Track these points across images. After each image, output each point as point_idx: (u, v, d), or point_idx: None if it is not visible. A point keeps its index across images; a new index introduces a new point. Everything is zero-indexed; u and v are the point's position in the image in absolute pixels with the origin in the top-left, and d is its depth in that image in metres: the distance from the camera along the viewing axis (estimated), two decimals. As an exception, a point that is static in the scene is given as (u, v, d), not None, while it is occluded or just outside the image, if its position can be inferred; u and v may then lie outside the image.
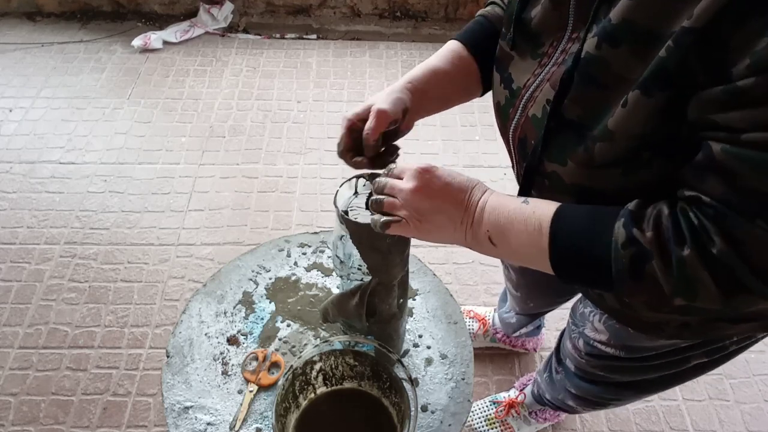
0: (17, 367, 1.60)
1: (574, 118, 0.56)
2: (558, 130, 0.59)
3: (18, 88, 2.49)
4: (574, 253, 0.56)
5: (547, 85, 0.61)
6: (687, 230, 0.48)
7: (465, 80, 0.82)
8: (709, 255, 0.46)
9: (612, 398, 1.01)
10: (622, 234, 0.51)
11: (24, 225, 1.95)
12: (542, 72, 0.63)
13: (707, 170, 0.47)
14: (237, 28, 2.87)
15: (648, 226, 0.50)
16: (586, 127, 0.55)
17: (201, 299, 1.07)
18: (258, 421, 0.91)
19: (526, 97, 0.64)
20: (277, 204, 2.05)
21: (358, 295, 0.81)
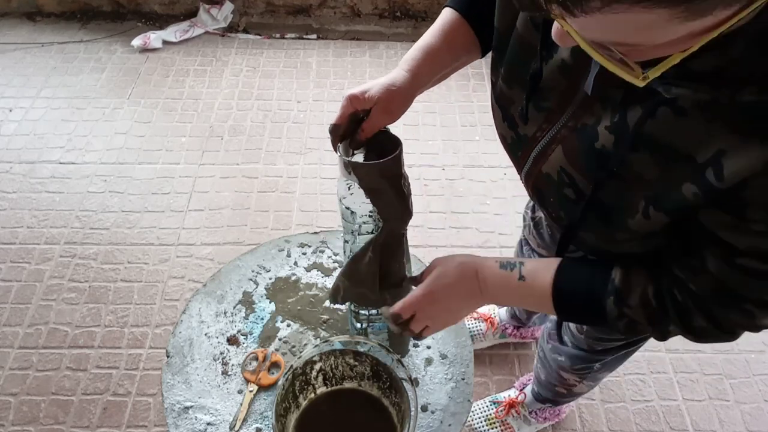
0: (17, 367, 1.60)
1: (603, 201, 0.59)
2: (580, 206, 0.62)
3: (18, 88, 2.49)
4: (576, 315, 0.70)
5: (559, 148, 0.61)
6: (672, 311, 0.59)
7: (461, 50, 0.81)
8: (690, 326, 0.59)
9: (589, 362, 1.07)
10: (613, 311, 0.64)
11: (24, 225, 1.95)
12: (551, 129, 0.62)
13: (700, 271, 0.55)
14: (237, 28, 2.87)
15: (636, 304, 0.62)
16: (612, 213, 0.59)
17: (201, 299, 1.07)
18: (258, 421, 0.91)
19: (537, 150, 0.64)
20: (277, 204, 2.05)
21: (371, 249, 0.79)
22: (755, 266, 0.50)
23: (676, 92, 0.48)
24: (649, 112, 0.51)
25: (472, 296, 0.74)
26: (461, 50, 0.81)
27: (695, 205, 0.51)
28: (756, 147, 0.44)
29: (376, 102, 0.75)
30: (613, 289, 0.63)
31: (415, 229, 1.96)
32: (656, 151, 0.51)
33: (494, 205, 2.04)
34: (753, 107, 0.44)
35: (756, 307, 0.54)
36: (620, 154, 0.54)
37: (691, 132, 0.48)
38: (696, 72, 0.46)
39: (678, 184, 0.51)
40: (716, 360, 1.66)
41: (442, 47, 0.78)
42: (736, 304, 0.55)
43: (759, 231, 0.48)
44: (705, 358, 1.66)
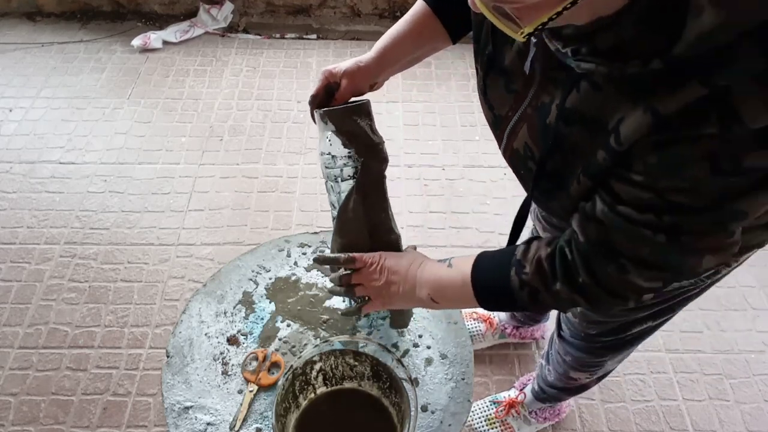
0: (17, 367, 1.60)
1: (550, 171, 0.66)
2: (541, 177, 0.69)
3: (18, 88, 2.49)
4: (493, 297, 0.76)
5: (525, 126, 0.68)
6: (560, 269, 0.66)
7: (426, 40, 0.90)
8: (576, 284, 0.65)
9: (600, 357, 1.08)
10: (515, 280, 0.71)
11: (24, 225, 1.95)
12: (519, 109, 0.68)
13: (591, 219, 0.61)
14: (237, 28, 2.87)
15: (532, 270, 0.69)
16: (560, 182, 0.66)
17: (201, 299, 1.07)
18: (258, 421, 0.91)
19: (509, 129, 0.71)
20: (277, 204, 2.05)
21: (354, 191, 0.88)
22: (631, 214, 0.55)
23: (585, 67, 0.54)
24: (572, 87, 0.57)
25: (410, 273, 0.83)
26: (426, 40, 0.90)
27: (605, 169, 0.57)
28: (640, 112, 0.50)
29: (343, 75, 0.88)
30: (515, 261, 0.71)
31: (415, 229, 1.96)
32: (584, 124, 0.57)
33: (494, 205, 2.04)
34: (637, 78, 0.50)
35: (630, 263, 0.59)
36: (558, 128, 0.60)
37: (606, 104, 0.54)
38: (599, 49, 0.52)
39: (596, 150, 0.57)
40: (716, 360, 1.66)
41: (407, 35, 0.89)
42: (614, 258, 0.60)
43: (638, 182, 0.53)
44: (705, 358, 1.66)
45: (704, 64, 0.46)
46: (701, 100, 0.46)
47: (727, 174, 0.48)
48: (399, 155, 2.23)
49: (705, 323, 1.74)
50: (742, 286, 1.83)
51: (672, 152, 0.50)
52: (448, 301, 0.82)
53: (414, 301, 0.84)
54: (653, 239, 0.55)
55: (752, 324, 1.75)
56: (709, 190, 0.50)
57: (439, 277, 0.81)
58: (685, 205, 0.52)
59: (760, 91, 0.44)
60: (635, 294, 0.63)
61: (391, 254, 0.88)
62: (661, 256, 0.57)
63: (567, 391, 1.27)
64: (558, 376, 1.22)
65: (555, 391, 1.30)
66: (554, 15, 0.46)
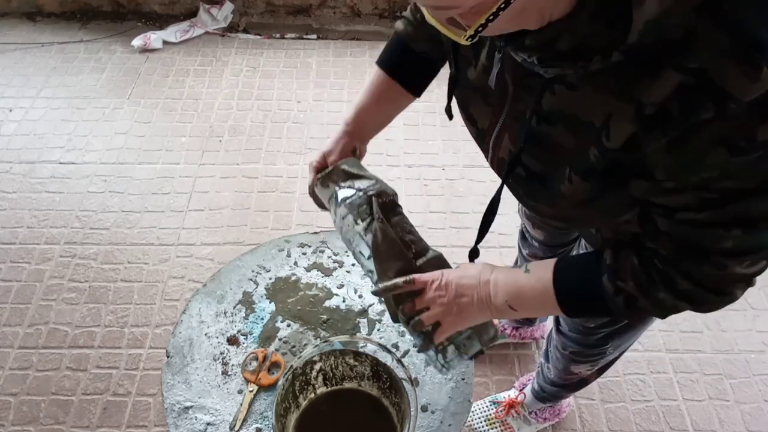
0: (17, 367, 1.60)
1: (537, 172, 0.67)
2: (528, 179, 0.70)
3: (18, 88, 2.49)
4: (581, 304, 0.73)
5: (507, 135, 0.69)
6: (657, 278, 0.63)
7: (389, 103, 0.97)
8: (678, 291, 0.62)
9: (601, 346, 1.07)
10: (609, 287, 0.67)
11: (24, 225, 1.95)
12: (499, 120, 0.69)
13: (658, 234, 0.60)
14: (237, 28, 2.87)
15: (627, 277, 0.66)
16: (547, 182, 0.66)
17: (201, 299, 1.07)
18: (258, 421, 0.91)
19: (492, 140, 0.73)
20: (277, 204, 2.05)
21: (377, 221, 0.87)
22: (693, 217, 0.55)
23: (551, 72, 0.55)
24: (544, 90, 0.59)
25: (482, 280, 0.77)
26: (390, 103, 0.96)
27: (599, 167, 0.57)
28: (625, 106, 0.51)
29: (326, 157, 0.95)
30: (606, 267, 0.68)
31: (415, 229, 1.96)
32: (566, 122, 0.58)
33: (494, 205, 2.03)
34: (609, 73, 0.51)
35: (722, 257, 0.57)
36: (540, 130, 0.62)
37: (585, 102, 0.55)
38: (561, 51, 0.53)
39: (586, 149, 0.57)
40: (716, 360, 1.66)
41: (372, 104, 0.95)
42: (703, 258, 0.58)
43: (671, 188, 0.53)
44: (705, 358, 1.66)
45: (669, 50, 0.46)
46: (685, 88, 0.47)
47: (747, 151, 0.47)
48: (399, 155, 2.23)
49: (705, 323, 1.74)
50: (742, 286, 1.83)
51: (684, 149, 0.49)
52: (527, 307, 0.77)
53: (489, 310, 0.78)
54: (729, 234, 0.54)
55: (752, 324, 1.75)
56: (745, 170, 0.49)
57: (517, 282, 0.76)
58: (736, 190, 0.51)
59: (737, 65, 0.44)
60: (742, 283, 0.61)
61: (453, 269, 0.82)
62: (749, 242, 0.55)
63: (568, 387, 1.27)
64: (558, 373, 1.22)
65: (556, 389, 1.29)
66: (491, 16, 0.47)
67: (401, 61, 0.92)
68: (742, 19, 0.44)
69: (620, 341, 1.05)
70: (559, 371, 1.21)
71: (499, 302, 0.76)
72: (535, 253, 1.27)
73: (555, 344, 1.18)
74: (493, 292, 0.77)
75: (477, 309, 0.78)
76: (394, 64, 0.93)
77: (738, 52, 0.44)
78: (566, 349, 1.12)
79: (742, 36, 0.44)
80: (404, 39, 0.91)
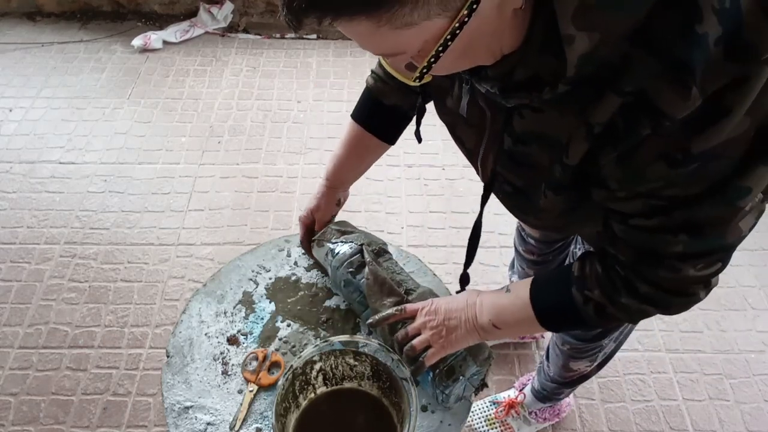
0: (17, 367, 1.60)
1: (521, 188, 0.71)
2: (514, 195, 0.74)
3: (18, 88, 2.49)
4: (556, 316, 0.77)
5: (491, 155, 0.72)
6: (620, 284, 0.66)
7: (365, 153, 1.04)
8: (640, 295, 0.65)
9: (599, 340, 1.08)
10: (579, 297, 0.71)
11: (24, 225, 1.95)
12: (482, 141, 0.73)
13: (616, 239, 0.64)
14: (237, 28, 2.87)
15: (593, 286, 0.69)
16: (530, 198, 0.70)
17: (201, 299, 1.07)
18: (258, 421, 0.91)
19: (480, 159, 0.76)
20: (277, 204, 2.05)
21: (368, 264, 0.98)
22: (643, 223, 0.58)
23: (512, 101, 0.59)
24: (511, 115, 0.62)
25: (469, 303, 0.83)
26: (366, 153, 1.04)
27: (564, 182, 0.61)
28: (578, 126, 0.54)
29: (313, 213, 1.07)
30: (573, 278, 0.72)
31: (415, 229, 1.96)
32: (539, 141, 0.61)
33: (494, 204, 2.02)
34: (562, 99, 0.53)
35: (674, 260, 0.60)
36: (517, 149, 0.65)
37: (551, 123, 0.58)
38: (518, 82, 0.56)
39: (553, 165, 0.61)
40: (716, 360, 1.66)
41: (349, 157, 1.04)
42: (658, 262, 0.61)
43: (623, 197, 0.57)
44: (705, 358, 1.66)
45: (608, 77, 0.49)
46: (627, 108, 0.50)
47: (684, 163, 0.50)
48: (399, 155, 2.23)
49: (705, 323, 1.74)
50: (742, 286, 1.83)
51: (629, 163, 0.53)
52: (510, 325, 0.81)
53: (476, 330, 0.83)
54: (677, 239, 0.57)
55: (752, 324, 1.75)
56: (685, 180, 0.52)
57: (500, 302, 0.81)
58: (681, 197, 0.54)
59: (669, 86, 0.47)
60: (700, 284, 0.63)
61: (442, 297, 0.89)
62: (698, 247, 0.58)
63: (568, 384, 1.27)
64: (558, 370, 1.22)
65: (555, 386, 1.30)
66: (431, 58, 0.51)
67: (373, 114, 0.99)
68: (670, 43, 0.46)
69: (618, 334, 1.06)
70: (558, 368, 1.22)
71: (485, 322, 0.81)
72: (532, 250, 1.28)
73: (554, 341, 1.18)
74: (479, 312, 0.82)
75: (465, 330, 0.83)
76: (366, 118, 0.99)
77: (669, 74, 0.47)
78: (565, 345, 1.13)
79: (671, 59, 0.46)
80: (374, 94, 0.96)
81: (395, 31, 0.46)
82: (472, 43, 0.50)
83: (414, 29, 0.46)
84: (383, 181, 2.14)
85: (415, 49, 0.50)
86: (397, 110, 0.97)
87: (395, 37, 0.47)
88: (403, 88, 0.92)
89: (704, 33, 0.45)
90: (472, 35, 0.48)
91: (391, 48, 0.51)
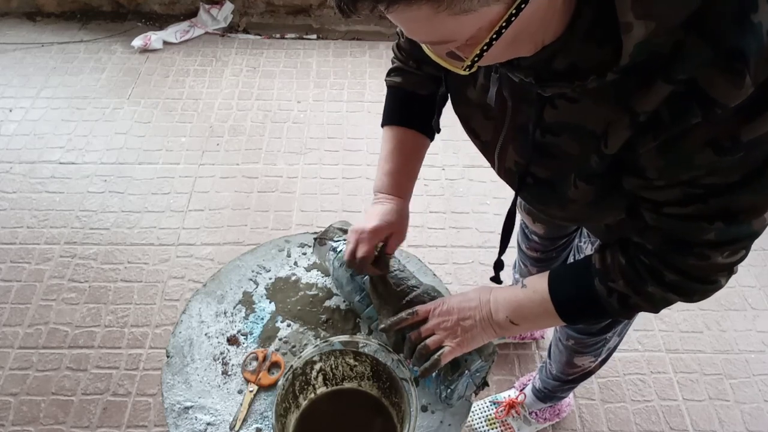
0: (17, 367, 1.60)
1: (546, 179, 0.70)
2: (537, 186, 0.72)
3: (18, 88, 2.49)
4: (578, 309, 0.76)
5: (511, 147, 0.71)
6: (645, 273, 0.66)
7: (415, 156, 0.97)
8: (666, 283, 0.66)
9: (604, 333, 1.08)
10: (602, 289, 0.71)
11: (24, 225, 1.95)
12: (501, 132, 0.71)
13: (646, 228, 0.64)
14: (237, 28, 2.87)
15: (617, 277, 0.69)
16: (556, 188, 0.69)
17: (201, 299, 1.07)
18: (258, 421, 0.91)
19: (497, 152, 0.75)
20: (277, 204, 2.05)
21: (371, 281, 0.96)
22: (678, 211, 0.58)
23: (549, 90, 0.58)
24: (545, 104, 0.62)
25: (482, 300, 0.82)
26: (415, 156, 0.97)
27: (599, 170, 0.61)
28: (621, 116, 0.54)
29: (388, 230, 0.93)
30: (595, 270, 0.72)
31: (415, 229, 1.96)
32: (571, 132, 0.61)
33: (494, 205, 2.04)
34: (606, 87, 0.53)
35: (704, 248, 0.60)
36: (545, 140, 0.64)
37: (587, 113, 0.58)
38: (558, 71, 0.56)
39: (588, 156, 0.60)
40: (716, 360, 1.66)
41: (402, 164, 0.95)
42: (687, 249, 0.61)
43: (661, 185, 0.57)
44: (705, 358, 1.66)
45: (659, 63, 0.49)
46: (675, 96, 0.49)
47: (732, 151, 0.50)
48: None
49: (705, 323, 1.74)
50: (742, 286, 1.83)
51: (674, 151, 0.53)
52: (528, 320, 0.80)
53: (492, 327, 0.82)
54: (712, 227, 0.57)
55: (752, 324, 1.75)
56: (729, 167, 0.52)
57: (516, 297, 0.80)
58: (721, 185, 0.54)
59: (722, 74, 0.47)
60: (725, 271, 0.64)
61: (454, 295, 0.88)
62: (729, 234, 0.59)
63: (571, 381, 1.26)
64: (561, 367, 1.22)
65: (558, 384, 1.29)
66: (484, 47, 0.49)
67: (413, 110, 0.94)
68: (725, 31, 0.46)
69: (622, 327, 1.06)
70: (562, 365, 1.21)
71: (501, 318, 0.80)
72: (535, 247, 1.28)
73: (557, 337, 1.18)
74: (494, 309, 0.81)
75: (481, 329, 0.82)
76: (408, 116, 0.94)
77: (722, 62, 0.46)
78: (569, 341, 1.12)
79: (726, 47, 0.46)
80: (407, 88, 0.93)
81: (452, 18, 0.45)
82: (522, 31, 0.49)
83: (471, 15, 0.45)
84: (383, 181, 2.14)
85: (466, 36, 0.49)
86: (433, 99, 0.92)
87: (451, 24, 0.46)
88: (431, 78, 0.90)
89: (758, 22, 0.45)
90: (524, 23, 0.48)
91: (443, 35, 0.49)
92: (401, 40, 0.91)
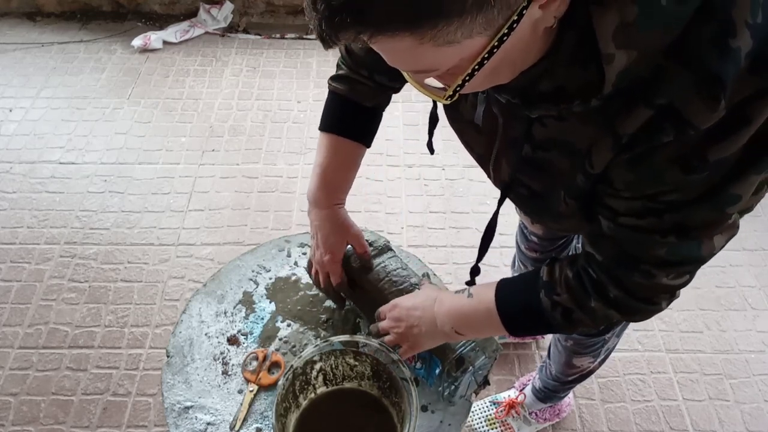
0: (17, 367, 1.60)
1: (537, 192, 0.71)
2: (531, 198, 0.73)
3: (18, 88, 2.49)
4: (523, 322, 0.77)
5: (504, 160, 0.72)
6: (590, 287, 0.68)
7: (350, 160, 0.98)
8: (609, 299, 0.67)
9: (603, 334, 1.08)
10: (546, 302, 0.72)
11: (24, 225, 1.95)
12: (494, 147, 0.72)
13: (600, 237, 0.65)
14: (237, 28, 2.87)
15: (562, 290, 0.70)
16: (548, 202, 0.70)
17: (201, 299, 1.07)
18: (258, 421, 0.91)
19: (491, 165, 0.76)
20: (277, 204, 2.05)
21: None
22: (634, 222, 0.59)
23: (536, 112, 0.58)
24: (532, 123, 0.62)
25: (426, 310, 0.85)
26: (354, 166, 0.98)
27: (586, 188, 0.61)
28: (604, 137, 0.55)
29: (350, 240, 1.00)
30: (543, 283, 0.73)
31: (415, 229, 1.96)
32: (561, 148, 0.62)
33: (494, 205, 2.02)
34: (590, 110, 0.53)
35: (651, 266, 0.61)
36: (536, 155, 0.65)
37: (574, 131, 0.59)
38: (543, 93, 0.56)
39: (575, 174, 0.61)
40: (716, 360, 1.66)
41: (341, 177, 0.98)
42: (635, 266, 0.62)
43: (626, 197, 0.58)
44: (705, 358, 1.66)
45: (640, 88, 0.50)
46: (653, 119, 0.50)
47: (698, 170, 0.52)
48: (399, 155, 2.23)
49: (705, 323, 1.74)
50: (742, 286, 1.83)
51: (644, 166, 0.54)
52: (473, 330, 0.83)
53: (439, 336, 0.85)
54: (664, 241, 0.58)
55: (752, 324, 1.75)
56: (692, 185, 0.53)
57: (460, 308, 0.82)
58: (679, 201, 0.55)
59: (699, 99, 0.48)
60: (667, 294, 0.66)
61: (406, 297, 0.91)
62: (678, 253, 0.59)
63: (570, 382, 1.27)
64: (560, 367, 1.22)
65: (557, 384, 1.29)
66: (467, 77, 0.50)
67: (355, 120, 0.96)
68: (704, 57, 0.47)
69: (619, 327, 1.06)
70: (561, 365, 1.21)
71: (447, 329, 0.82)
72: (534, 248, 1.28)
73: (556, 338, 1.18)
74: (439, 321, 0.83)
75: (427, 337, 0.85)
76: (349, 125, 0.96)
77: (701, 87, 0.47)
78: (568, 341, 1.13)
79: (704, 73, 0.47)
80: (352, 98, 0.94)
81: (435, 49, 0.45)
82: (504, 59, 0.50)
83: (454, 47, 0.45)
84: (383, 181, 2.14)
85: (448, 66, 0.49)
86: (378, 111, 0.96)
87: (433, 55, 0.46)
88: (382, 88, 0.92)
89: (737, 47, 0.45)
90: (506, 53, 0.48)
91: (425, 65, 0.49)
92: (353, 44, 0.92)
